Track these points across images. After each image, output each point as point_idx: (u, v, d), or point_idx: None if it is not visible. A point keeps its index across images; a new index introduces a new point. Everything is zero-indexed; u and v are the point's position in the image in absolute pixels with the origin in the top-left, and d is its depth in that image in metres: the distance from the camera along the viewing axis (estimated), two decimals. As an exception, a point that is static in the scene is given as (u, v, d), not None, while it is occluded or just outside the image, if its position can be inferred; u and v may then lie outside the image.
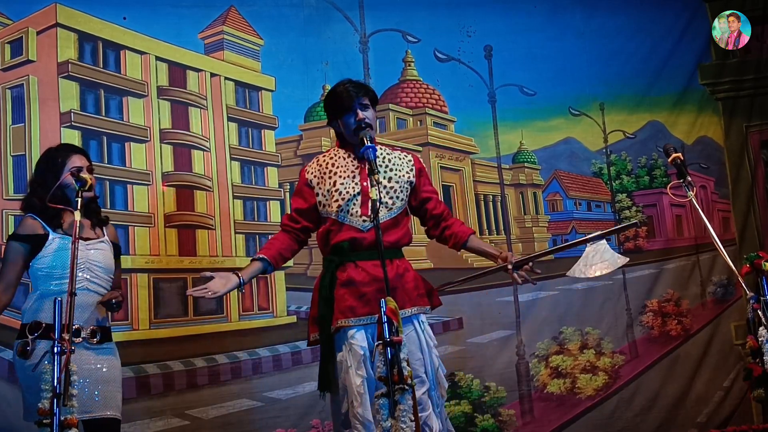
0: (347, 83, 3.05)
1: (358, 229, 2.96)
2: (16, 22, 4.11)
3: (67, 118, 4.09)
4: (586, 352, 4.95)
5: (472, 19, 5.08)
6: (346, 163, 3.04)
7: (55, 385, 2.45)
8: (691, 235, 5.26)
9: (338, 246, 2.97)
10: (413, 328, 2.97)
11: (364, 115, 2.97)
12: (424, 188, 3.14)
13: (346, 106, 2.99)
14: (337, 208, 2.98)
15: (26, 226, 2.95)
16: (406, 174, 3.08)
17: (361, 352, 2.87)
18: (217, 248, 4.41)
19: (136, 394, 3.96)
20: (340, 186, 2.99)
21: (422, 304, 3.04)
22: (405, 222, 3.10)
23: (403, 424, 2.46)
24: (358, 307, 2.90)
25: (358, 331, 2.91)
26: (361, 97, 3.00)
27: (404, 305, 2.92)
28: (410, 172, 3.09)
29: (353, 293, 2.92)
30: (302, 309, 4.54)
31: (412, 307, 2.99)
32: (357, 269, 2.94)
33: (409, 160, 3.12)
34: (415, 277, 3.06)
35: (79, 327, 2.88)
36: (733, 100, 5.32)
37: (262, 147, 4.66)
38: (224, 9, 4.62)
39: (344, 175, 3.02)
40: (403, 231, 3.06)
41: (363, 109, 2.99)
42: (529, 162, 5.23)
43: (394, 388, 2.49)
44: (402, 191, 3.05)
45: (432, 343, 3.02)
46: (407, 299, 2.97)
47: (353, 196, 2.97)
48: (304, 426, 4.30)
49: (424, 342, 2.99)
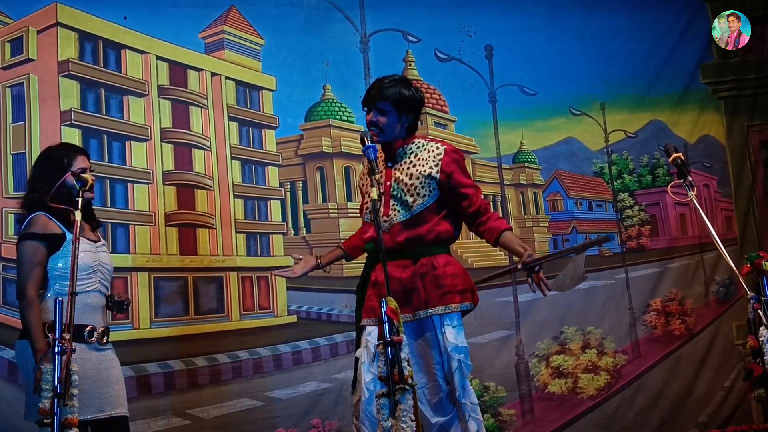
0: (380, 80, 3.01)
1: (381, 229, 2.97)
2: (17, 21, 4.11)
3: (68, 117, 4.09)
4: (587, 351, 4.95)
5: (472, 19, 5.08)
6: (378, 164, 3.02)
7: (55, 384, 2.45)
8: (695, 234, 5.25)
9: (367, 248, 3.08)
10: (433, 332, 2.93)
11: (375, 118, 2.97)
12: (457, 187, 3.01)
13: (363, 103, 3.04)
14: (367, 209, 3.05)
15: (40, 223, 2.90)
16: (429, 169, 2.98)
17: (374, 350, 2.89)
18: (218, 247, 4.40)
19: (137, 394, 3.96)
20: (370, 188, 2.93)
21: (447, 302, 2.93)
22: (431, 218, 2.98)
23: (404, 424, 2.46)
24: (378, 308, 2.88)
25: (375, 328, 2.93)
26: (381, 102, 2.96)
27: (424, 306, 2.91)
28: (435, 167, 2.98)
29: (377, 294, 2.93)
30: (303, 309, 4.54)
31: (434, 308, 2.92)
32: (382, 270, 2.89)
33: (438, 154, 3.00)
34: (443, 275, 2.95)
35: (93, 328, 2.88)
36: (735, 99, 5.32)
37: (262, 146, 4.66)
38: (225, 8, 4.62)
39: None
40: (427, 227, 2.97)
41: (378, 113, 2.97)
42: (530, 162, 5.22)
43: (395, 387, 2.50)
44: (423, 187, 2.97)
45: (450, 347, 2.90)
46: (428, 299, 2.92)
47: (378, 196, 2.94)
48: (305, 426, 4.30)
49: (442, 347, 2.92)
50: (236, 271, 4.42)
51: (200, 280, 4.34)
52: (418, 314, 2.93)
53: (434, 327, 2.94)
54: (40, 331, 2.77)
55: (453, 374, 2.90)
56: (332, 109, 4.80)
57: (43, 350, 2.70)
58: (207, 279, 4.36)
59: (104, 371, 2.90)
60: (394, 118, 2.97)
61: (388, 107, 2.96)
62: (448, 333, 2.91)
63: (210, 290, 4.35)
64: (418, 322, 2.95)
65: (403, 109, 2.98)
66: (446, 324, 2.92)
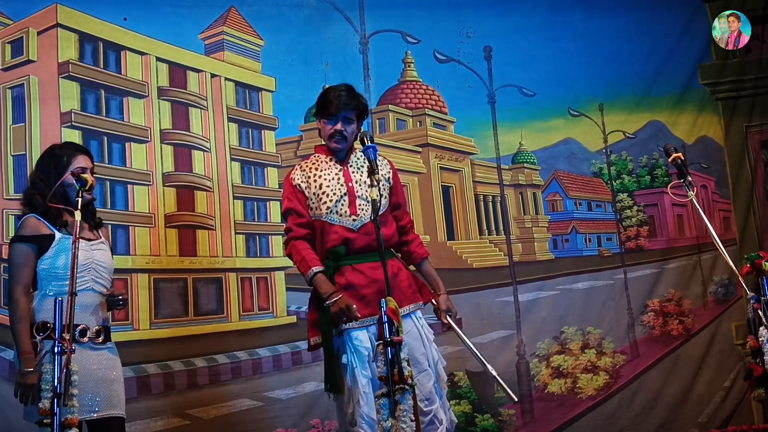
0: (343, 90, 3.16)
1: (349, 228, 3.07)
2: (17, 22, 4.11)
3: (68, 118, 4.09)
4: (587, 351, 4.95)
5: (471, 20, 5.08)
6: (328, 166, 3.17)
7: (55, 385, 2.45)
8: (693, 235, 5.26)
9: (334, 251, 3.06)
10: (413, 324, 3.10)
11: (343, 128, 3.11)
12: (398, 193, 3.28)
13: (331, 113, 3.12)
14: (326, 209, 3.09)
15: (30, 226, 2.91)
16: (386, 173, 3.23)
17: (365, 353, 2.97)
18: (218, 248, 4.41)
19: (137, 394, 3.96)
20: (327, 188, 3.11)
21: (417, 300, 3.18)
22: (391, 221, 3.22)
23: (404, 424, 2.48)
24: (359, 309, 2.97)
25: (360, 332, 3.01)
26: (348, 111, 3.12)
27: (401, 303, 2.99)
28: (389, 173, 3.24)
29: (353, 296, 3.00)
30: (302, 309, 4.54)
31: (409, 305, 3.12)
32: (354, 272, 3.06)
33: (386, 164, 3.28)
34: (408, 275, 3.20)
35: (85, 327, 2.87)
36: (733, 100, 5.32)
37: (262, 147, 4.67)
38: (224, 9, 4.63)
39: (329, 177, 3.13)
40: (391, 230, 3.19)
41: (345, 122, 3.11)
42: (529, 162, 5.23)
43: (395, 387, 2.50)
44: (384, 189, 3.17)
45: (431, 337, 3.15)
46: (403, 297, 3.07)
47: (340, 197, 3.09)
48: (304, 426, 4.30)
49: (424, 336, 3.11)
50: (236, 272, 4.43)
51: (200, 281, 4.34)
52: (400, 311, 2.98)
53: (413, 321, 3.10)
54: (26, 334, 2.77)
55: (438, 361, 3.13)
56: (332, 110, 4.80)
57: (28, 353, 2.71)
58: (206, 280, 4.36)
59: (100, 371, 2.88)
60: (355, 126, 3.17)
61: (352, 116, 3.14)
62: (425, 327, 3.14)
63: (209, 291, 4.36)
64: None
65: (361, 117, 3.20)
66: (420, 318, 3.15)
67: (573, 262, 5.16)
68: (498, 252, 5.04)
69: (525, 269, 5.02)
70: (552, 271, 5.09)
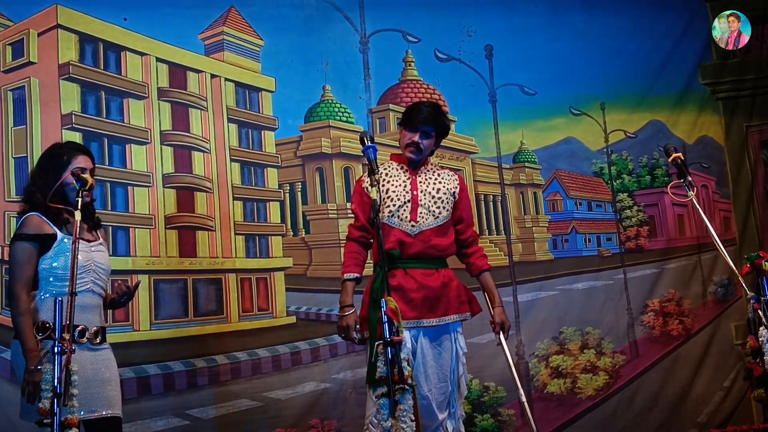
0: (428, 107, 3.30)
1: (406, 233, 3.21)
2: (17, 24, 4.12)
3: (68, 120, 4.10)
4: (586, 352, 4.95)
5: (472, 19, 5.08)
6: (398, 174, 3.31)
7: (55, 385, 2.45)
8: (693, 235, 5.26)
9: (390, 253, 3.14)
10: (450, 337, 3.23)
11: (420, 140, 3.23)
12: (462, 209, 3.37)
13: (413, 125, 3.25)
14: (388, 213, 3.22)
15: (32, 224, 2.89)
16: (453, 188, 3.33)
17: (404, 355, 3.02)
18: (218, 249, 4.41)
19: (137, 395, 3.98)
20: (392, 194, 3.25)
21: (463, 311, 3.27)
22: (451, 233, 3.32)
23: (404, 424, 2.48)
24: (406, 311, 3.06)
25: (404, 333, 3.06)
26: (429, 127, 3.25)
27: (446, 313, 3.19)
28: (456, 187, 3.35)
29: (402, 298, 3.09)
30: (301, 309, 4.55)
31: (453, 315, 3.23)
32: (406, 276, 3.18)
33: (455, 178, 3.39)
34: (459, 286, 3.29)
35: (84, 328, 2.87)
36: (733, 100, 5.32)
37: (262, 148, 4.67)
38: (224, 10, 4.63)
39: (396, 183, 3.27)
40: (449, 240, 3.30)
41: (423, 136, 3.24)
42: (530, 162, 5.23)
43: (395, 388, 2.51)
44: (447, 202, 3.29)
45: (462, 352, 3.26)
46: (449, 307, 3.21)
47: (404, 203, 3.23)
48: (304, 426, 4.31)
49: (455, 352, 3.23)
50: (235, 272, 4.44)
51: (200, 282, 4.35)
52: (443, 320, 3.19)
53: (449, 333, 3.22)
54: (29, 330, 2.77)
55: (461, 376, 3.24)
56: (332, 110, 4.81)
57: (33, 350, 2.71)
58: (206, 281, 4.37)
59: (98, 371, 2.88)
60: (433, 141, 3.30)
61: (432, 132, 3.27)
62: (460, 339, 3.26)
63: (209, 292, 4.37)
64: (439, 328, 3.20)
65: (441, 136, 3.34)
66: (458, 331, 3.26)
67: (573, 263, 5.17)
68: (498, 252, 5.04)
69: (525, 269, 5.02)
70: (552, 271, 5.09)
